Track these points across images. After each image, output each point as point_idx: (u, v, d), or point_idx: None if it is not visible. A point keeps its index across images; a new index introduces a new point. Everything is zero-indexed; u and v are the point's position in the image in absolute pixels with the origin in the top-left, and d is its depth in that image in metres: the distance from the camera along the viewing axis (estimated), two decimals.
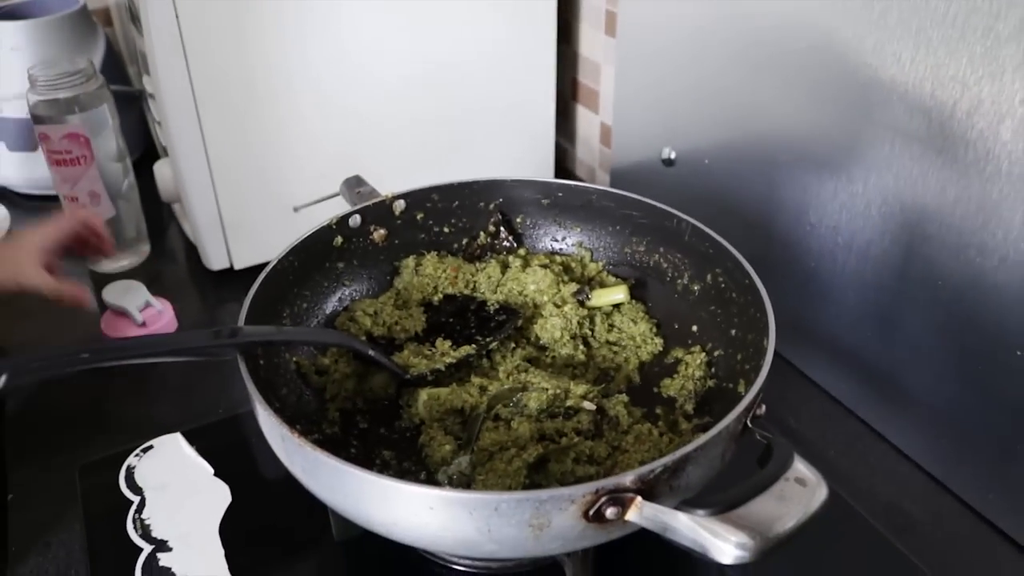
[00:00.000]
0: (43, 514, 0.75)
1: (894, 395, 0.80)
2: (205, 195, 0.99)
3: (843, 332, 0.83)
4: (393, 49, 1.02)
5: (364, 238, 0.81)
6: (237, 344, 0.60)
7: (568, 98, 1.24)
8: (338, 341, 0.72)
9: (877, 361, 0.80)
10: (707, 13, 0.89)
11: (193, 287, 1.08)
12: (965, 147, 0.66)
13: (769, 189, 0.86)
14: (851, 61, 0.73)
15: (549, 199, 0.83)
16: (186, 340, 0.60)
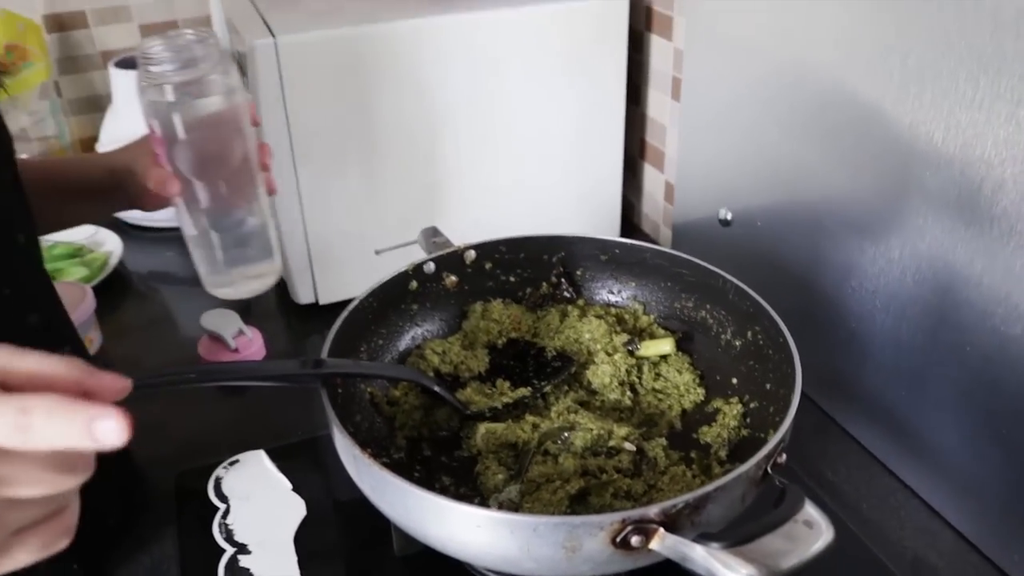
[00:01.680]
0: (142, 514, 0.84)
1: (926, 453, 0.84)
2: (298, 236, 1.09)
3: (880, 390, 0.88)
4: (475, 110, 1.11)
5: (437, 283, 0.89)
6: (320, 374, 0.68)
7: (636, 156, 1.32)
8: (409, 377, 0.80)
9: (911, 419, 0.85)
10: (765, 84, 0.96)
11: (281, 319, 1.18)
12: (990, 223, 0.71)
13: (815, 252, 0.92)
14: (890, 137, 0.79)
15: (607, 255, 0.91)
16: (277, 368, 0.68)
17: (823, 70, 0.86)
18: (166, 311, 1.26)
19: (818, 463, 0.90)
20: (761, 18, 0.94)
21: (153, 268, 1.36)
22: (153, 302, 1.28)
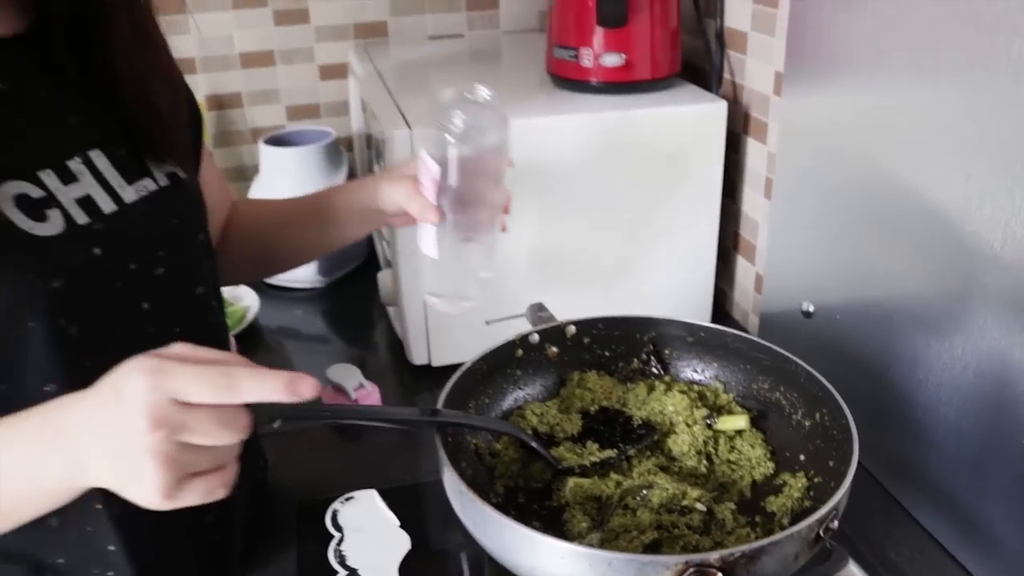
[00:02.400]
0: (267, 536, 0.97)
1: (986, 540, 0.90)
2: (417, 303, 1.22)
3: (944, 477, 0.94)
4: (584, 199, 1.23)
5: (540, 353, 1.00)
6: (436, 422, 0.80)
7: (731, 248, 1.41)
8: (511, 432, 0.90)
9: (972, 507, 0.91)
10: (847, 188, 1.05)
11: (396, 376, 1.31)
12: None
13: (887, 345, 1.00)
14: (955, 242, 0.88)
15: (693, 337, 1.00)
16: (400, 413, 0.79)
17: (899, 178, 0.95)
18: (291, 363, 1.40)
19: (883, 543, 0.96)
20: (846, 129, 1.04)
21: (283, 324, 1.51)
22: (281, 355, 1.43)
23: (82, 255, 0.71)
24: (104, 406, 0.58)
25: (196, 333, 0.83)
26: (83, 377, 0.66)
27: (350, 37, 1.77)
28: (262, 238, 1.05)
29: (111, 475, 0.59)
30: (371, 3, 1.76)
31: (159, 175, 0.80)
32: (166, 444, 0.55)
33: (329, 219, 1.01)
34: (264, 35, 1.74)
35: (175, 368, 0.57)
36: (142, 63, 0.79)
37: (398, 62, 1.60)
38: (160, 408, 0.55)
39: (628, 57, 1.25)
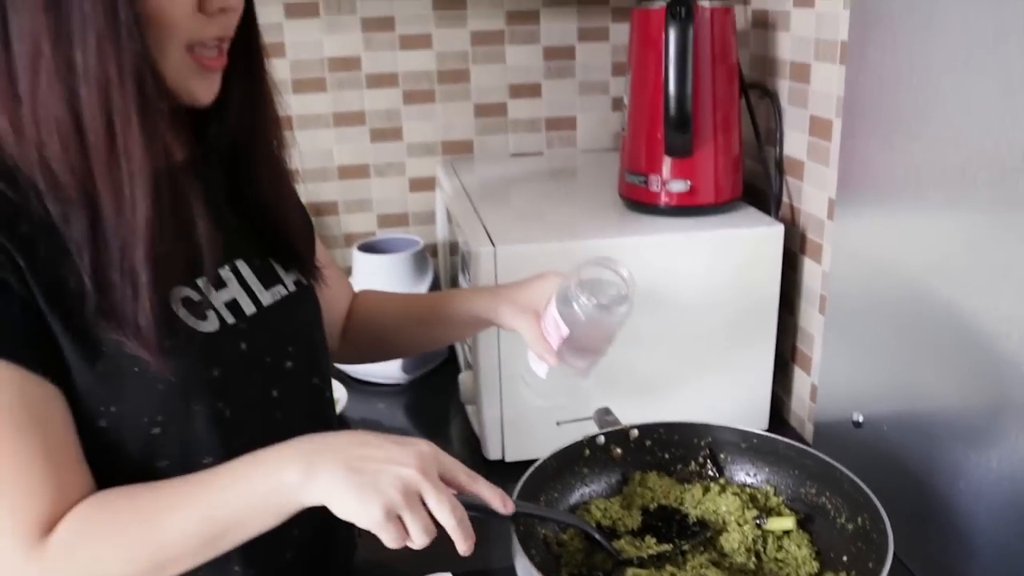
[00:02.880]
0: None
1: None
2: (494, 402, 1.33)
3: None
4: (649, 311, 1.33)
5: (605, 453, 1.10)
6: (519, 513, 0.90)
7: (789, 359, 1.50)
8: (579, 525, 0.99)
9: None
10: (895, 307, 1.14)
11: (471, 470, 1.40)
12: None
13: (930, 456, 1.07)
14: (992, 362, 0.96)
15: (747, 444, 1.09)
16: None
17: (940, 300, 1.04)
18: None
19: None
20: (892, 252, 1.14)
21: (367, 416, 1.63)
22: None
23: (232, 349, 0.86)
24: (380, 445, 0.76)
25: (314, 419, 0.96)
26: (232, 452, 0.81)
27: (438, 153, 1.93)
28: (380, 329, 1.18)
29: (344, 485, 0.73)
30: (459, 123, 1.92)
31: (288, 281, 0.96)
32: (412, 487, 0.73)
33: (444, 323, 1.14)
34: (360, 150, 1.92)
35: (446, 455, 0.79)
36: (277, 190, 0.95)
37: (482, 177, 1.75)
38: (429, 466, 0.75)
39: (693, 183, 1.37)
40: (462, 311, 1.11)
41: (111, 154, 0.73)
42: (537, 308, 1.03)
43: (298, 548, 0.89)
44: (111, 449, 0.80)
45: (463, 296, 1.14)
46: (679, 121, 1.31)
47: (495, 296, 1.09)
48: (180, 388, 0.80)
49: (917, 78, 1.05)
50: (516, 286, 1.08)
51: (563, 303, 0.98)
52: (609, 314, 0.97)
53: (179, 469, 0.80)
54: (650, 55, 1.36)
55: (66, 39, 0.70)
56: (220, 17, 0.79)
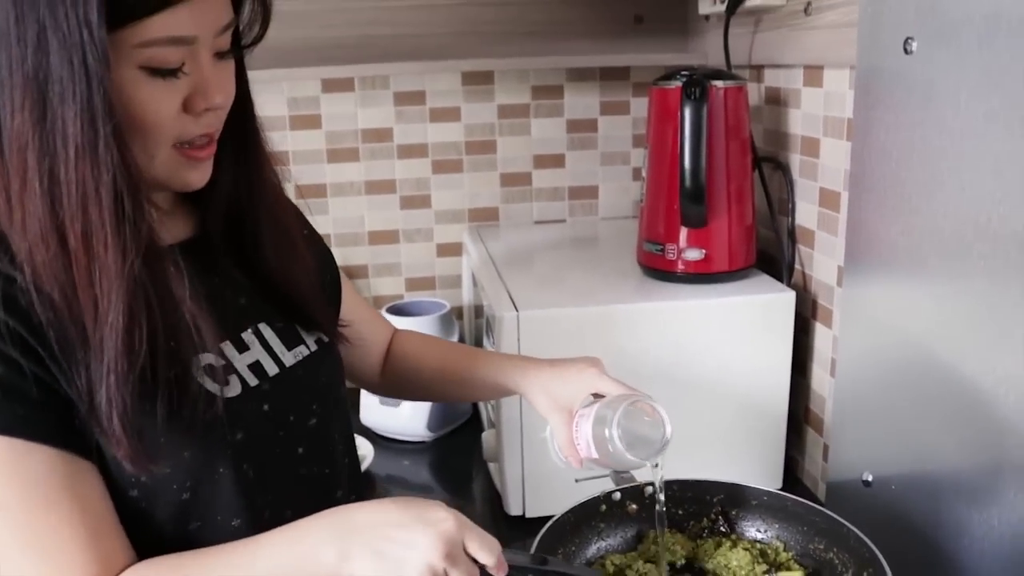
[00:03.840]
0: None
1: None
2: (516, 461, 1.39)
3: None
4: (665, 374, 1.39)
5: (621, 509, 1.14)
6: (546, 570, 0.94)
7: (802, 420, 1.54)
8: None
9: None
10: (900, 369, 1.19)
11: (493, 524, 1.45)
12: None
13: (936, 512, 1.11)
14: (992, 422, 1.00)
15: (757, 501, 1.14)
16: (515, 559, 0.93)
17: (943, 364, 1.09)
18: None
19: None
20: (896, 318, 1.19)
21: (393, 473, 1.68)
22: None
23: (255, 411, 0.90)
24: (403, 522, 0.78)
25: (340, 474, 1.01)
26: (260, 512, 0.87)
27: (465, 220, 2.02)
28: (416, 376, 1.22)
29: (376, 570, 0.76)
30: (485, 192, 2.01)
31: (310, 341, 1.00)
32: (439, 570, 0.76)
33: (477, 385, 1.17)
34: (391, 217, 2.00)
35: (472, 527, 0.80)
36: (282, 256, 0.97)
37: (506, 243, 1.82)
38: (453, 546, 0.77)
39: (708, 252, 1.44)
40: (496, 379, 1.13)
41: (89, 266, 0.74)
42: (571, 405, 1.03)
43: None
44: (144, 516, 0.83)
45: (499, 365, 1.14)
46: (694, 193, 1.38)
47: (531, 376, 1.08)
48: (205, 453, 0.84)
49: (917, 155, 1.11)
50: (553, 373, 1.07)
51: (599, 426, 0.97)
52: (639, 462, 0.99)
53: (209, 530, 0.85)
54: (667, 130, 1.43)
55: (49, 150, 0.72)
56: (206, 116, 0.82)
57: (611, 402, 0.99)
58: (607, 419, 0.96)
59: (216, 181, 0.90)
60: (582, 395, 1.03)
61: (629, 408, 0.96)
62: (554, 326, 1.35)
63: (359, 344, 1.14)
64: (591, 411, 0.99)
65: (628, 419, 0.96)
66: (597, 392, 1.03)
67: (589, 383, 1.03)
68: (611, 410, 0.97)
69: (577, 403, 1.03)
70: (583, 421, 1.00)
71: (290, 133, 1.93)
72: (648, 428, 0.99)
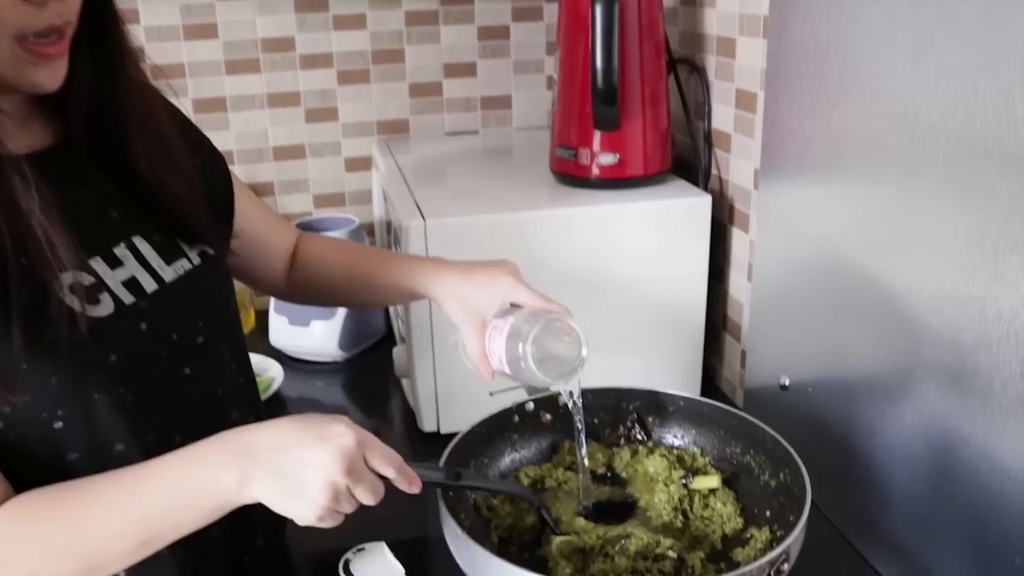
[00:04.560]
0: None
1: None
2: (428, 376, 1.34)
3: (902, 534, 1.04)
4: (580, 282, 1.35)
5: (535, 419, 1.11)
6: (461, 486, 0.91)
7: (720, 327, 1.53)
8: (529, 498, 1.00)
9: (925, 559, 1.00)
10: (815, 272, 1.17)
11: (408, 442, 1.42)
12: (972, 395, 0.90)
13: (850, 414, 1.11)
14: (903, 321, 0.99)
15: (673, 407, 1.11)
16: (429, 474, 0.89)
17: (857, 264, 1.07)
18: None
19: None
20: (811, 219, 1.17)
21: (305, 395, 1.63)
22: None
23: (132, 330, 0.82)
24: (301, 441, 0.75)
25: (233, 394, 0.95)
26: (143, 437, 0.81)
27: (374, 133, 1.93)
28: (323, 281, 1.15)
29: (278, 492, 0.75)
30: (394, 103, 1.92)
31: (192, 255, 0.92)
32: (342, 486, 0.75)
33: (386, 290, 1.10)
34: (295, 131, 1.91)
35: (373, 441, 0.78)
36: (160, 164, 0.88)
37: (417, 156, 1.75)
38: (354, 461, 0.75)
39: (622, 156, 1.39)
40: (406, 283, 1.07)
41: None
42: (484, 314, 0.98)
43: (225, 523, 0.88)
44: (15, 449, 0.77)
45: (409, 268, 1.07)
46: (606, 94, 1.32)
47: (442, 281, 1.03)
48: (75, 378, 0.77)
49: (834, 49, 1.08)
50: (466, 278, 1.01)
51: (512, 341, 0.93)
52: (552, 383, 0.96)
53: (89, 460, 0.78)
54: (579, 32, 1.37)
55: None
56: (52, 5, 0.73)
57: (527, 317, 0.94)
58: (522, 335, 0.92)
59: (73, 83, 0.81)
60: (496, 304, 0.98)
61: (545, 327, 0.92)
62: (463, 235, 1.30)
63: (260, 251, 1.08)
64: (505, 324, 0.94)
65: (544, 337, 0.92)
66: (513, 302, 0.98)
67: (505, 292, 0.98)
68: (527, 326, 0.92)
69: (491, 312, 0.98)
70: (496, 334, 0.96)
71: (184, 43, 1.81)
72: (563, 347, 0.95)
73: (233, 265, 1.04)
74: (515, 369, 0.94)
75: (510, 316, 0.95)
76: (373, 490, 0.78)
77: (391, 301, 1.33)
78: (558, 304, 0.97)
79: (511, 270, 1.00)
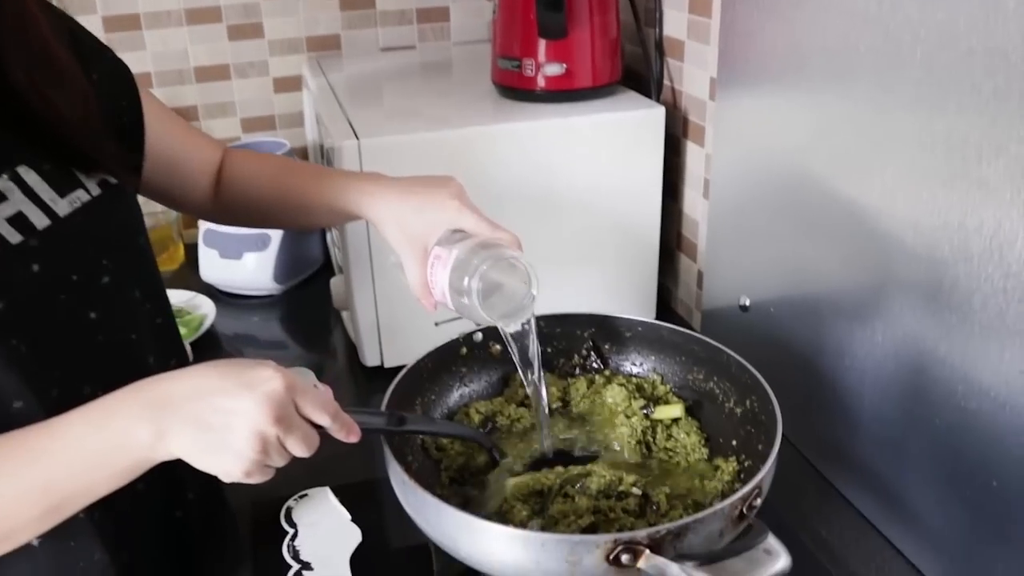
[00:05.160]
0: (225, 533, 1.00)
1: (908, 515, 0.95)
2: (368, 307, 1.26)
3: (870, 458, 1.00)
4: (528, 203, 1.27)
5: (484, 351, 1.04)
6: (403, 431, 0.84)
7: (674, 247, 1.46)
8: (478, 439, 0.93)
9: (895, 484, 0.96)
10: (777, 187, 1.10)
11: (351, 378, 1.34)
12: (950, 313, 0.84)
13: (816, 335, 1.05)
14: (873, 236, 0.93)
15: (631, 332, 1.05)
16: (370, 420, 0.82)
17: (823, 177, 1.01)
18: None
19: (815, 522, 1.01)
20: (774, 130, 1.09)
21: (240, 331, 1.54)
22: None
23: (21, 274, 0.72)
24: (224, 388, 0.68)
25: (149, 338, 0.86)
26: (46, 391, 0.71)
27: (303, 50, 1.80)
28: (250, 200, 1.05)
29: (199, 446, 0.68)
30: (324, 17, 1.79)
31: (91, 184, 0.81)
32: (271, 436, 0.68)
33: (317, 211, 1.00)
34: (218, 50, 1.77)
35: (306, 385, 0.71)
36: (45, 82, 0.77)
37: (350, 74, 1.64)
38: (283, 408, 0.68)
39: (569, 67, 1.30)
40: (340, 204, 0.96)
41: None
42: (426, 241, 0.89)
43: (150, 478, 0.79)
44: None
45: (343, 186, 0.96)
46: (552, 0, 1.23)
47: (380, 203, 0.93)
48: None
49: None
50: (406, 201, 0.91)
51: (457, 273, 0.85)
52: (497, 323, 0.88)
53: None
54: None
55: None
56: None
57: (473, 249, 0.85)
58: (467, 269, 0.84)
59: None
60: (440, 230, 0.89)
61: (493, 262, 0.84)
62: (401, 156, 1.20)
63: (180, 171, 0.98)
64: (450, 256, 0.86)
65: (491, 272, 0.84)
66: (459, 229, 0.90)
67: (449, 218, 0.89)
68: (474, 259, 0.84)
69: (433, 239, 0.89)
70: (439, 266, 0.87)
71: None
72: (511, 282, 0.87)
73: (150, 188, 0.94)
74: (458, 305, 0.87)
75: (454, 247, 0.86)
76: (306, 440, 0.71)
77: (326, 222, 1.23)
78: (507, 232, 0.89)
79: (455, 192, 0.91)
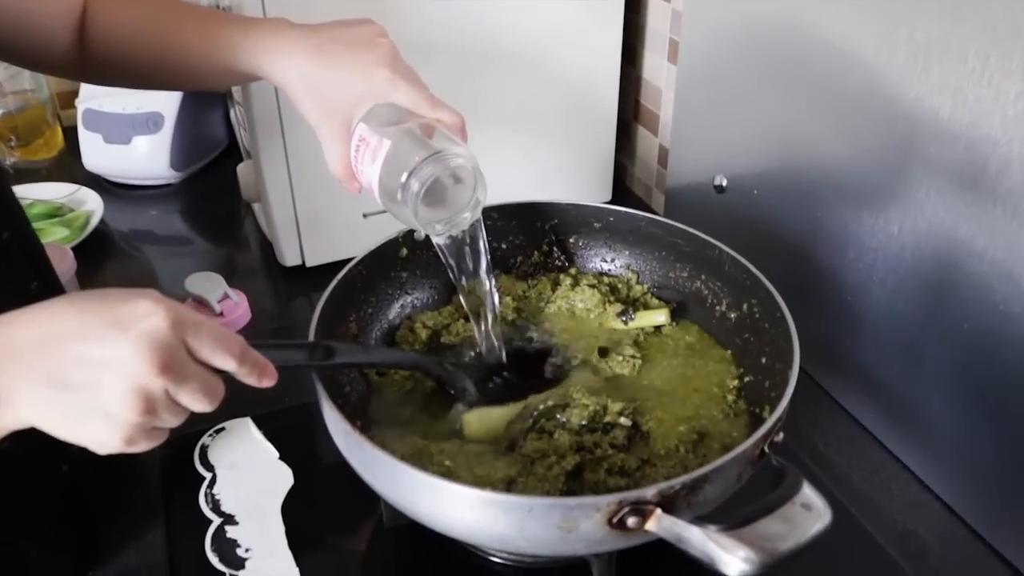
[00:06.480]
0: (126, 484, 0.83)
1: (918, 428, 0.84)
2: (283, 197, 1.07)
3: (874, 364, 0.87)
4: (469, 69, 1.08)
5: (428, 250, 0.87)
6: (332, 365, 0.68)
7: (630, 119, 1.30)
8: (424, 367, 0.78)
9: (903, 393, 0.85)
10: (766, 50, 0.94)
11: (267, 281, 1.16)
12: (995, 201, 0.70)
13: (812, 222, 0.91)
14: (894, 109, 0.78)
15: (601, 223, 0.89)
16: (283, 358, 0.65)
17: (828, 39, 0.84)
18: (150, 271, 1.24)
19: (810, 434, 0.90)
20: None
21: (136, 227, 1.34)
22: (137, 262, 1.26)
23: None
24: (88, 332, 0.50)
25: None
26: None
27: None
28: (126, 53, 0.82)
29: (58, 411, 0.51)
30: None
31: None
32: (157, 391, 0.51)
33: (207, 73, 0.79)
34: None
35: (198, 319, 0.53)
36: None
37: None
38: (172, 353, 0.51)
39: None
40: (236, 64, 0.76)
41: None
42: (349, 116, 0.72)
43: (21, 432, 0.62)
44: None
45: (239, 41, 0.75)
46: None
47: (288, 66, 0.73)
48: None
49: None
50: (321, 66, 0.72)
51: (390, 170, 0.67)
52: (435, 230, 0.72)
53: None
54: None
55: None
56: None
57: (409, 136, 0.67)
58: (402, 164, 0.66)
59: None
60: (366, 104, 0.71)
61: (436, 158, 0.65)
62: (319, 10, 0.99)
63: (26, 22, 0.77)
64: (380, 145, 0.68)
65: (430, 170, 0.66)
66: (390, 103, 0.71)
67: (379, 90, 0.71)
68: (409, 153, 0.66)
69: (358, 113, 0.71)
70: (367, 152, 0.69)
71: None
72: (454, 177, 0.69)
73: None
74: (389, 206, 0.69)
75: (384, 134, 0.68)
76: (205, 391, 0.54)
77: (221, 84, 0.97)
78: (450, 110, 0.71)
79: (385, 57, 0.72)
